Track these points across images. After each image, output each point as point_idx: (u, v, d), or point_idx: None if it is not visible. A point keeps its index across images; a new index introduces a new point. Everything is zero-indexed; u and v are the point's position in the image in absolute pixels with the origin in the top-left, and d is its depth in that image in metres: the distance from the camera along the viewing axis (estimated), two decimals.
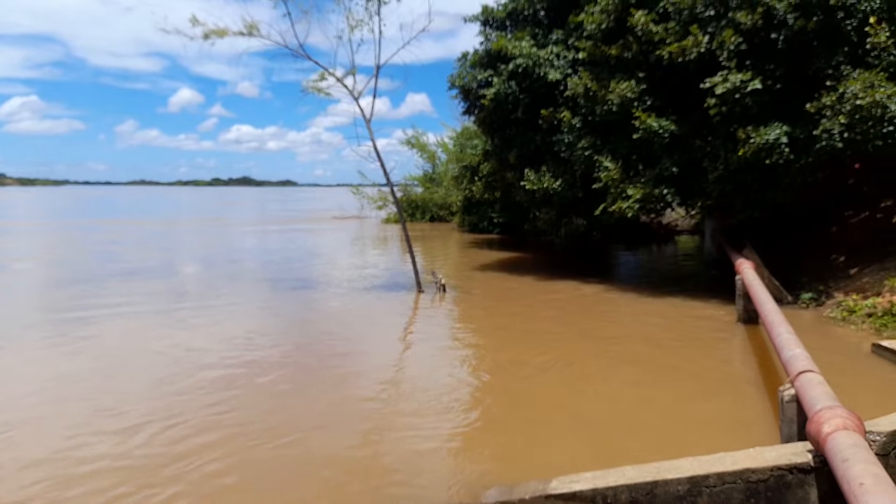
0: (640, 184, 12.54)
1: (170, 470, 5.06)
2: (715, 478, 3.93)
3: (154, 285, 14.34)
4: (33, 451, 5.39)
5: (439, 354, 9.06)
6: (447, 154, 35.14)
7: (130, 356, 8.67)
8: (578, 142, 13.68)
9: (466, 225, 30.88)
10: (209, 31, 12.57)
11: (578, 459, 5.20)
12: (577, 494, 4.21)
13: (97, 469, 5.07)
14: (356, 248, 25.02)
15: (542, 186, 14.52)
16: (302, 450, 5.54)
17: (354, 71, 13.22)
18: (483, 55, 15.39)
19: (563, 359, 8.45)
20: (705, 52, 11.43)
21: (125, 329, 10.22)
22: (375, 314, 11.78)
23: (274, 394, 7.09)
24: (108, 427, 5.94)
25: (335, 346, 9.44)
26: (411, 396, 7.09)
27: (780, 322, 6.48)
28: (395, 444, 5.71)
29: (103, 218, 41.93)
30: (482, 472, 5.04)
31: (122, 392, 7.05)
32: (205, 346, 8.99)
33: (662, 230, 26.07)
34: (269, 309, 12.06)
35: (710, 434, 5.77)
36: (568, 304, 12.41)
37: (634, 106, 12.37)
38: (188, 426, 5.99)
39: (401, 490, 4.77)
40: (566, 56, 14.43)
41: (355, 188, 42.23)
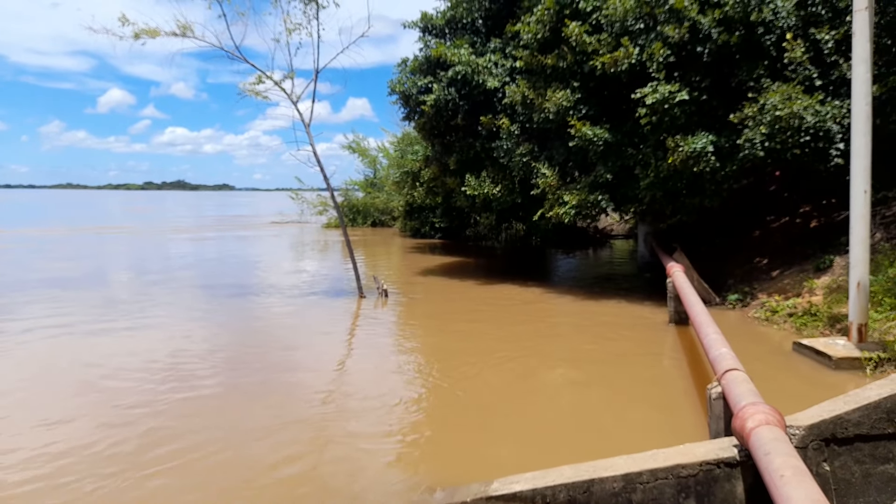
0: (576, 190, 12.87)
1: (99, 482, 4.88)
2: (648, 474, 4.10)
3: (82, 295, 13.73)
4: None
5: (381, 359, 9.04)
6: (388, 159, 35.08)
7: (55, 369, 8.28)
8: (517, 148, 13.93)
9: (408, 230, 30.92)
10: (140, 31, 12.18)
11: (520, 459, 5.30)
12: (517, 495, 4.30)
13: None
14: (296, 254, 24.64)
15: (482, 192, 14.71)
16: (238, 460, 5.43)
17: (293, 74, 13.08)
18: (423, 62, 15.47)
19: (504, 361, 8.58)
20: (636, 63, 11.85)
21: (49, 341, 9.75)
22: (316, 320, 11.65)
23: (209, 404, 6.92)
24: (30, 440, 5.67)
25: (274, 354, 9.27)
26: (353, 402, 7.05)
27: (708, 323, 6.78)
28: (337, 450, 5.68)
29: (19, 227, 39.83)
30: (425, 476, 5.07)
31: (47, 404, 6.74)
32: (133, 358, 8.65)
33: (598, 235, 26.80)
34: (203, 317, 11.73)
35: (643, 431, 5.98)
36: (508, 307, 12.60)
37: (570, 114, 12.69)
38: (120, 441, 5.78)
39: (345, 495, 4.74)
40: (504, 64, 14.68)
41: (294, 193, 41.63)
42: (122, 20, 12.12)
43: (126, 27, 12.17)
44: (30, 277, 16.23)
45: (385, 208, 36.48)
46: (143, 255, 23.49)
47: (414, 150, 23.80)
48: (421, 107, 15.24)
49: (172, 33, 12.39)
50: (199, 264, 20.38)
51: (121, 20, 12.18)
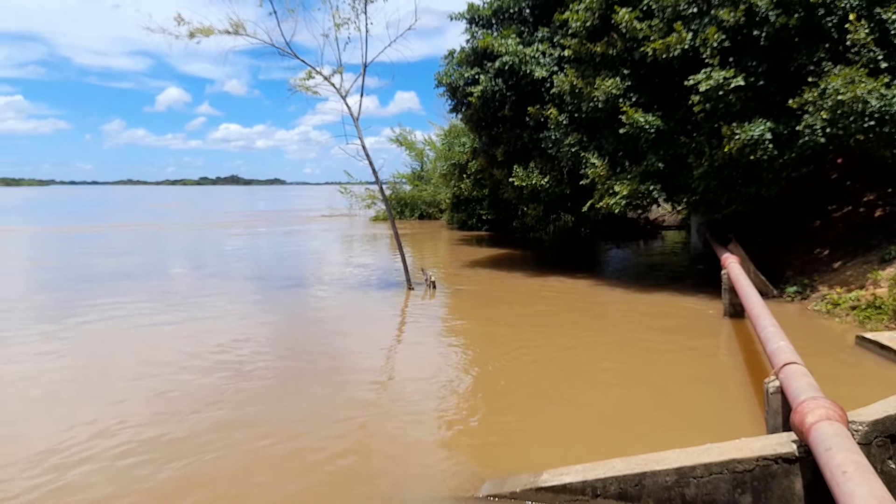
0: (627, 180, 12.63)
1: (163, 467, 5.08)
2: (702, 468, 4.02)
3: (143, 288, 14.26)
4: (31, 449, 5.37)
5: (429, 349, 9.10)
6: (435, 152, 35.17)
7: (117, 356, 8.64)
8: (565, 138, 13.76)
9: (455, 222, 30.95)
10: (195, 30, 12.52)
11: (570, 451, 5.25)
12: (567, 486, 4.29)
13: (83, 468, 5.08)
14: (345, 247, 25.00)
15: (530, 183, 14.60)
16: (295, 445, 5.57)
17: (341, 69, 13.23)
18: (469, 53, 15.42)
19: (553, 353, 8.54)
20: (689, 49, 11.53)
21: (116, 329, 10.17)
22: (366, 312, 11.80)
23: (265, 392, 7.10)
24: (96, 427, 5.93)
25: (325, 344, 9.46)
26: (401, 391, 7.14)
27: (765, 315, 6.58)
28: (389, 438, 5.76)
29: (84, 223, 41.53)
30: (475, 465, 5.08)
31: (108, 394, 7.04)
32: (194, 347, 8.94)
33: (649, 226, 26.26)
34: (257, 308, 12.03)
35: (696, 426, 5.85)
36: (557, 299, 12.49)
37: (620, 102, 12.45)
38: (178, 426, 6.00)
39: (395, 483, 4.80)
40: (552, 54, 14.50)
41: (343, 187, 42.19)
42: (178, 20, 12.48)
43: (181, 26, 12.54)
44: (94, 271, 16.95)
45: (432, 201, 36.60)
46: (199, 249, 24.22)
47: (461, 142, 23.81)
48: (468, 98, 15.20)
49: (225, 31, 12.70)
50: (253, 257, 20.91)
51: (176, 20, 12.55)
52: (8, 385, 7.37)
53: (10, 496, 4.65)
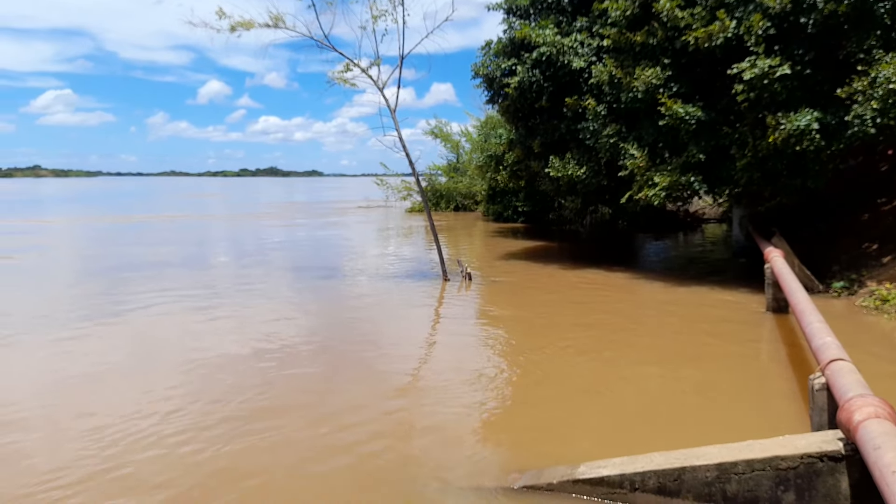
0: (667, 171, 12.42)
1: (205, 450, 5.23)
2: (744, 465, 3.95)
3: (185, 277, 14.63)
4: (82, 430, 5.59)
5: (465, 340, 9.14)
6: (471, 143, 35.08)
7: (165, 344, 8.90)
8: (603, 129, 13.59)
9: (491, 214, 30.88)
10: (236, 24, 12.72)
11: (605, 444, 5.23)
12: (604, 479, 4.27)
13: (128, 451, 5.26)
14: (381, 238, 25.19)
15: (567, 174, 14.46)
16: (331, 432, 5.66)
17: (379, 61, 13.30)
18: (507, 44, 15.32)
19: (590, 345, 8.49)
20: (732, 37, 11.25)
21: (160, 317, 10.46)
22: (402, 302, 11.89)
23: (303, 380, 7.24)
24: (141, 411, 6.13)
25: (364, 333, 9.57)
26: (440, 381, 7.17)
27: (811, 311, 6.42)
28: (425, 427, 5.81)
29: (130, 213, 42.66)
30: (512, 456, 5.10)
31: (155, 378, 7.26)
32: (234, 335, 9.16)
33: (689, 218, 25.79)
34: (295, 298, 12.23)
35: (737, 422, 5.76)
36: (594, 291, 12.39)
37: (660, 93, 12.23)
38: (223, 412, 6.16)
39: (432, 472, 4.84)
40: (590, 44, 14.31)
41: (379, 178, 42.44)
42: (220, 14, 12.69)
43: (223, 20, 12.75)
44: (139, 261, 17.41)
45: (468, 192, 36.56)
46: (239, 239, 24.67)
47: (497, 134, 23.67)
48: (505, 89, 15.11)
49: (265, 25, 12.87)
50: (291, 248, 21.22)
51: (218, 14, 12.76)
52: (58, 370, 7.63)
53: (73, 481, 4.84)
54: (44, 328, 9.66)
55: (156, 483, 4.73)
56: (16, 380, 7.28)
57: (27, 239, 23.72)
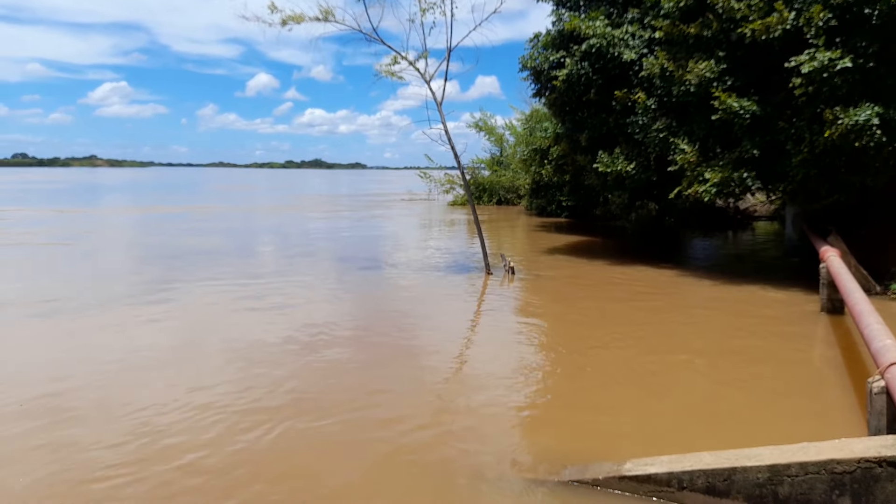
0: (719, 167, 12.13)
1: (242, 435, 5.37)
2: (797, 467, 3.86)
3: (231, 267, 15.01)
4: (122, 413, 5.81)
5: (508, 334, 9.13)
6: (515, 137, 34.90)
7: (211, 331, 9.15)
8: (653, 123, 13.35)
9: (534, 208, 30.70)
10: (287, 18, 12.92)
11: (648, 442, 5.17)
12: (651, 477, 4.23)
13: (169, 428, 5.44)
14: (424, 231, 25.32)
15: (615, 169, 14.27)
16: (372, 423, 5.71)
17: (426, 54, 13.31)
18: (555, 36, 15.17)
19: (634, 342, 8.38)
20: (791, 28, 10.90)
21: (208, 304, 10.76)
22: (444, 295, 11.93)
23: (344, 369, 7.33)
24: (182, 393, 6.33)
25: (406, 325, 9.66)
26: (482, 374, 7.19)
27: (869, 312, 6.21)
28: (467, 419, 5.83)
29: (180, 204, 43.78)
30: (554, 450, 5.08)
31: (199, 362, 7.48)
32: (277, 324, 9.33)
33: (739, 215, 25.12)
34: (339, 289, 12.40)
35: (789, 424, 5.61)
36: (639, 288, 12.21)
37: (714, 86, 11.95)
38: (266, 398, 6.31)
39: (474, 464, 4.87)
40: (642, 35, 14.05)
41: (423, 172, 42.63)
42: (271, 7, 12.91)
43: (274, 14, 12.96)
44: (188, 249, 17.93)
45: (511, 186, 36.40)
46: (284, 230, 25.10)
47: (543, 127, 23.46)
48: (552, 82, 14.98)
49: (315, 18, 13.03)
50: (335, 239, 21.52)
51: (270, 7, 12.98)
52: (111, 353, 7.92)
53: (120, 462, 5.04)
54: (97, 312, 10.04)
55: (200, 468, 4.88)
56: (68, 361, 7.54)
57: (82, 226, 24.67)
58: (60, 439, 5.29)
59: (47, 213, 30.48)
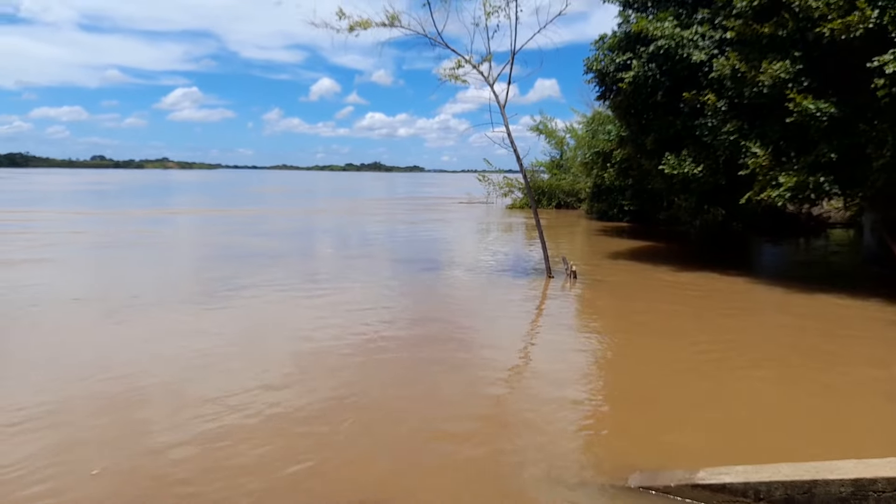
0: (793, 171, 11.70)
1: (300, 432, 5.52)
2: (884, 482, 3.72)
3: (292, 267, 15.42)
4: (191, 405, 6.06)
5: (571, 338, 9.06)
6: (576, 140, 34.51)
7: (272, 328, 9.42)
8: (723, 126, 12.98)
9: (595, 212, 30.29)
10: (354, 24, 13.18)
11: (718, 452, 5.04)
12: (726, 486, 4.14)
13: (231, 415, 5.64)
14: (483, 234, 25.34)
15: (682, 172, 13.92)
16: (434, 426, 5.74)
17: (490, 57, 13.35)
18: (622, 37, 14.94)
19: (700, 349, 8.18)
20: (874, 27, 10.41)
21: (268, 302, 11.07)
22: (504, 298, 11.91)
23: (404, 370, 7.38)
24: (246, 388, 6.55)
25: (463, 329, 9.70)
26: (543, 378, 7.17)
27: None
28: (528, 423, 5.80)
29: (244, 207, 45.13)
30: (620, 457, 5.02)
31: (261, 358, 7.73)
32: (336, 324, 9.43)
33: (812, 222, 24.11)
34: (400, 290, 12.53)
35: (866, 439, 5.38)
36: (705, 295, 11.90)
37: (788, 87, 11.54)
38: (322, 397, 6.47)
39: (540, 469, 4.85)
40: (712, 36, 13.69)
41: (481, 175, 42.65)
42: (339, 14, 13.20)
43: (342, 20, 13.24)
44: (251, 251, 18.53)
45: (571, 190, 36.02)
46: (343, 232, 25.56)
47: (606, 130, 23.17)
48: (618, 84, 14.76)
49: (382, 24, 13.26)
50: (393, 241, 21.79)
51: (338, 14, 13.27)
52: (177, 349, 8.24)
53: (189, 454, 5.27)
54: (166, 307, 10.49)
55: (258, 461, 5.05)
56: (139, 354, 7.87)
57: (156, 227, 25.83)
58: (129, 422, 5.59)
59: (122, 215, 31.99)
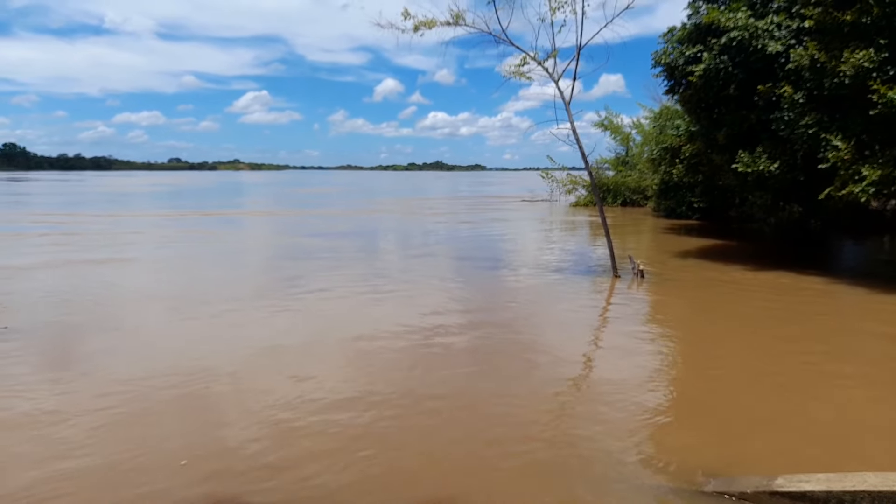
0: (877, 164, 11.08)
1: (368, 429, 5.62)
2: None
3: (359, 264, 15.70)
4: (265, 398, 6.26)
5: (638, 339, 8.83)
6: (643, 136, 33.72)
7: (337, 325, 9.58)
8: (801, 119, 12.42)
9: (662, 210, 29.53)
10: (419, 24, 13.28)
11: (794, 459, 4.84)
12: (807, 495, 3.98)
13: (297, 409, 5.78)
14: (547, 232, 25.11)
15: (757, 168, 13.40)
16: (498, 424, 5.69)
17: (556, 53, 13.18)
18: (692, 29, 14.49)
19: (776, 353, 7.86)
20: None
21: (334, 299, 11.29)
22: (569, 297, 11.75)
23: (466, 369, 7.35)
24: (308, 382, 6.71)
25: (531, 326, 9.65)
26: (608, 379, 7.04)
27: None
28: (594, 424, 5.70)
29: (310, 209, 46.09)
30: (692, 461, 4.88)
31: (324, 353, 7.90)
32: (399, 322, 9.44)
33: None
34: (463, 288, 12.53)
35: None
36: (780, 296, 11.41)
37: (872, 77, 10.93)
38: (384, 395, 6.55)
39: (609, 470, 4.78)
40: (789, 25, 13.11)
41: (544, 172, 42.27)
42: (405, 14, 13.33)
43: (407, 21, 13.38)
44: (316, 250, 18.97)
45: (637, 187, 35.24)
46: (405, 231, 25.77)
47: (675, 125, 22.49)
48: (687, 78, 14.33)
49: (446, 23, 13.31)
50: (455, 239, 21.84)
51: (403, 14, 13.41)
52: (249, 344, 8.53)
53: (259, 439, 5.45)
54: (238, 303, 10.82)
55: (329, 454, 5.17)
56: (214, 348, 8.20)
57: (227, 227, 26.80)
58: (207, 414, 5.84)
59: (196, 216, 33.34)
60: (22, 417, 5.82)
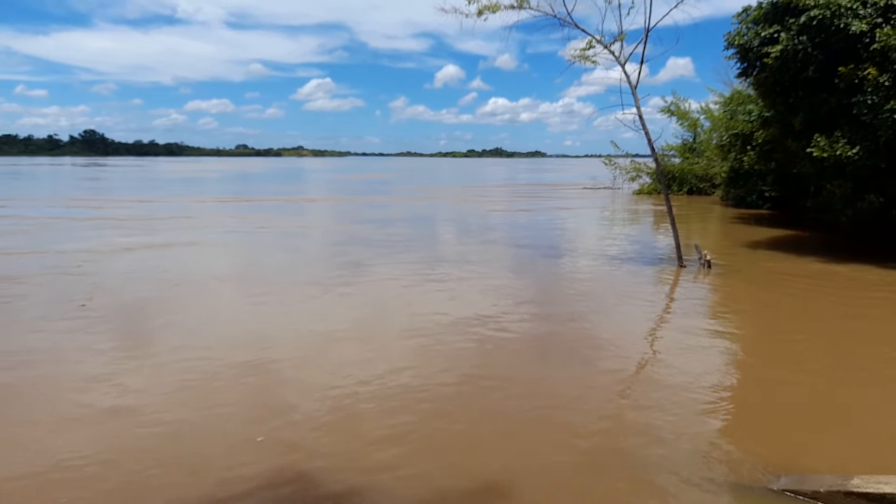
0: None
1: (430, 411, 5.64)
2: None
3: (419, 251, 15.79)
4: (328, 379, 6.39)
5: (703, 331, 8.56)
6: (712, 122, 32.49)
7: (395, 311, 9.64)
8: (886, 103, 11.69)
9: (731, 198, 28.47)
10: (483, 7, 13.14)
11: (866, 460, 4.60)
12: (886, 497, 3.79)
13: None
14: (609, 220, 24.64)
15: (835, 154, 12.72)
16: (560, 419, 5.59)
17: (623, 36, 12.81)
18: (768, 9, 13.81)
19: (848, 352, 7.51)
20: None
21: (393, 286, 11.37)
22: (634, 288, 11.47)
23: (524, 365, 7.17)
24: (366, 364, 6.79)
25: (592, 319, 9.51)
26: (677, 371, 6.85)
27: None
28: (657, 419, 5.55)
29: (368, 195, 46.61)
30: (759, 458, 4.70)
31: (385, 338, 7.98)
32: (454, 310, 9.37)
33: None
34: (522, 277, 12.45)
35: None
36: (858, 290, 10.85)
37: None
38: (442, 381, 6.58)
39: (675, 465, 4.66)
40: (875, 3, 12.32)
41: (607, 159, 41.38)
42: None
43: (471, 5, 13.25)
44: (376, 237, 19.19)
45: (704, 175, 34.07)
46: (465, 219, 25.62)
47: (746, 110, 21.57)
48: (762, 60, 13.68)
49: (510, 6, 13.13)
50: (516, 227, 21.69)
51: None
52: (312, 327, 8.71)
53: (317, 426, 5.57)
54: (298, 289, 11.05)
55: (390, 432, 5.26)
56: (274, 329, 8.42)
57: (291, 213, 27.47)
58: (274, 394, 6.01)
59: (260, 202, 34.31)
60: (121, 394, 6.16)
